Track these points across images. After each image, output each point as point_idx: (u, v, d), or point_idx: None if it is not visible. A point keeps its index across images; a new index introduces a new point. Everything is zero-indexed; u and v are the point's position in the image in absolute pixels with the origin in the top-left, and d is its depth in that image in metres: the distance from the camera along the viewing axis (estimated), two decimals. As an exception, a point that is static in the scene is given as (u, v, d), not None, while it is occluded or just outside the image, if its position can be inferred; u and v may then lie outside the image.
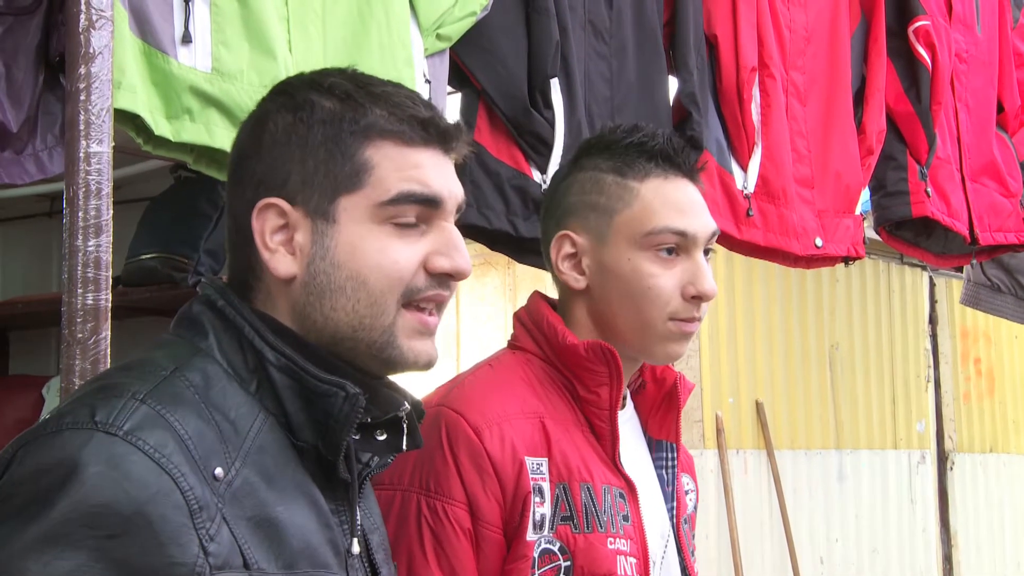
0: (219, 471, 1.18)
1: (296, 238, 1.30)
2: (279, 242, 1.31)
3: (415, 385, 1.45)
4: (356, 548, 1.34)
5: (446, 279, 1.34)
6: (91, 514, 1.09)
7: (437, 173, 1.34)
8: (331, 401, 1.27)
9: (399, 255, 1.30)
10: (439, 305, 1.35)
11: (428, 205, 1.32)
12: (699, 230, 1.85)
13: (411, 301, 1.32)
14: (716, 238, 1.90)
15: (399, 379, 1.40)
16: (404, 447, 1.36)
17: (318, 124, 1.31)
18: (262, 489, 1.22)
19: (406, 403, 1.36)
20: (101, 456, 1.12)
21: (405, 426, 1.36)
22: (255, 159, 1.33)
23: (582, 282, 1.90)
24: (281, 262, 1.30)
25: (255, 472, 1.22)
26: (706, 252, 1.87)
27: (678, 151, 1.88)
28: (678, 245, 1.84)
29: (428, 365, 1.35)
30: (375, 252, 1.29)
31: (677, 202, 1.85)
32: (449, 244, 1.33)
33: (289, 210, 1.30)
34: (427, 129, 1.34)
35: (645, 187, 1.85)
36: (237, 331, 1.29)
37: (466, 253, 1.35)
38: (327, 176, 1.30)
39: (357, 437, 1.32)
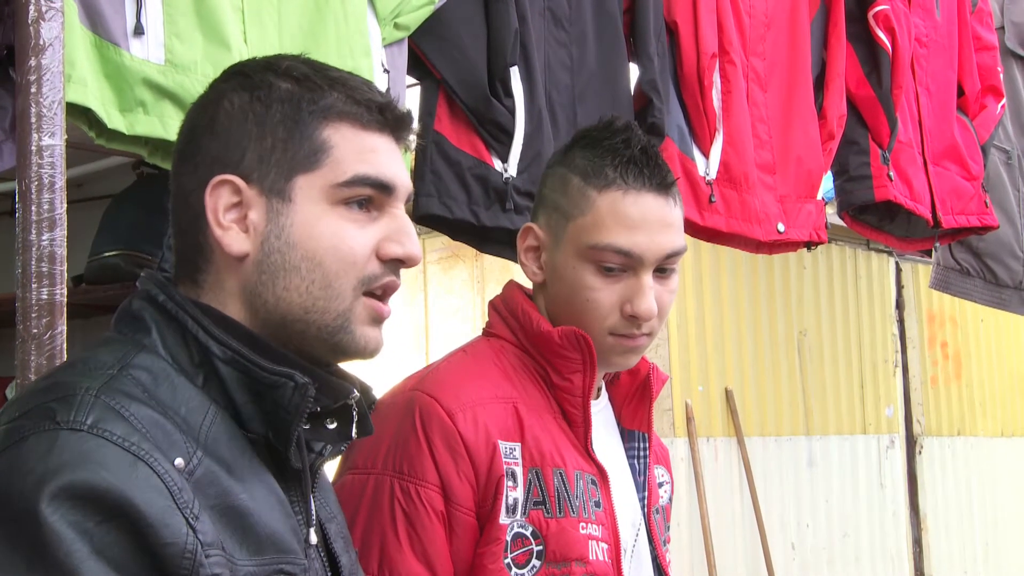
0: (179, 462, 1.17)
1: (250, 216, 1.29)
2: (232, 220, 1.29)
3: (383, 379, 1.44)
4: (313, 538, 1.33)
5: (397, 265, 1.33)
6: (76, 508, 1.08)
7: (390, 159, 1.34)
8: (280, 392, 1.26)
9: (354, 240, 1.30)
10: (389, 292, 1.35)
11: (381, 190, 1.32)
12: (647, 250, 1.80)
13: (368, 290, 1.31)
14: (678, 256, 1.84)
15: (353, 368, 1.39)
16: (355, 435, 1.36)
17: (276, 103, 1.30)
18: (224, 477, 1.21)
19: (355, 390, 1.35)
20: (73, 452, 1.11)
21: (355, 413, 1.35)
22: (209, 136, 1.32)
23: (539, 276, 1.90)
24: (235, 240, 1.29)
25: (214, 462, 1.21)
26: (663, 271, 1.83)
27: (649, 164, 1.83)
28: (622, 264, 1.80)
29: (375, 352, 1.34)
30: (330, 234, 1.29)
31: (629, 219, 1.80)
32: (401, 231, 1.33)
33: (244, 187, 1.29)
34: (383, 114, 1.33)
35: (602, 198, 1.81)
36: (180, 325, 1.28)
37: (417, 240, 1.34)
38: (284, 154, 1.29)
39: (307, 427, 1.31)
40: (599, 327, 1.82)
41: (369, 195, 1.31)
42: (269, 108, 1.30)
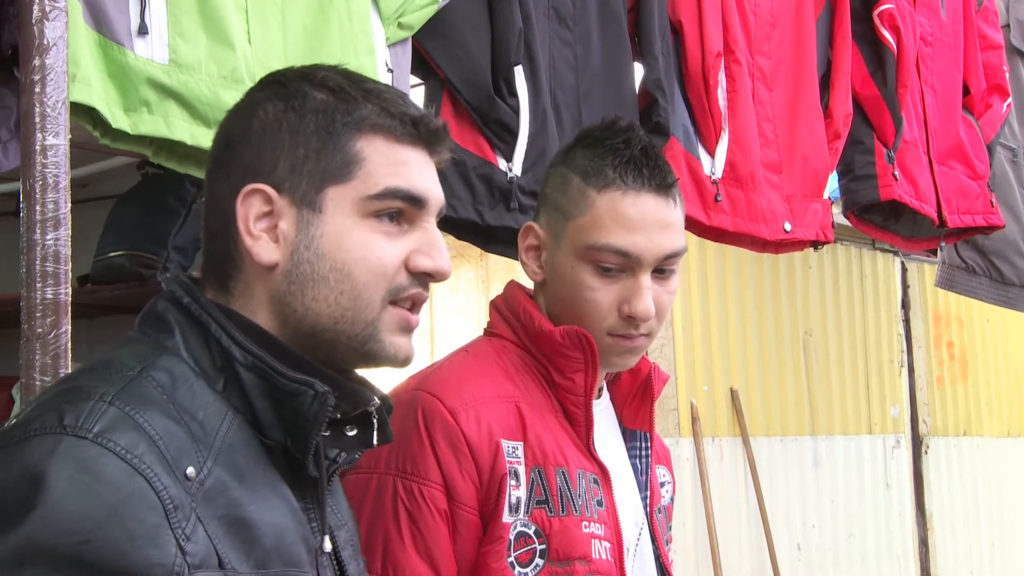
0: (191, 471, 1.16)
1: (280, 226, 1.29)
2: (263, 229, 1.29)
3: (388, 378, 1.44)
4: (328, 546, 1.33)
5: (426, 279, 1.34)
6: (64, 520, 1.07)
7: (423, 173, 1.34)
8: (300, 400, 1.26)
9: (384, 252, 1.30)
10: (417, 304, 1.35)
11: (413, 203, 1.32)
12: (645, 251, 1.80)
13: (395, 300, 1.32)
14: (678, 257, 1.84)
15: (369, 373, 1.39)
16: (375, 442, 1.35)
17: (311, 113, 1.31)
18: (234, 488, 1.20)
19: (375, 397, 1.35)
20: (72, 460, 1.10)
21: (375, 420, 1.35)
22: (242, 144, 1.32)
23: (540, 276, 1.90)
24: (264, 249, 1.29)
25: (226, 471, 1.21)
26: (662, 272, 1.83)
27: (648, 164, 1.83)
28: (620, 264, 1.80)
29: (407, 361, 1.35)
30: (360, 246, 1.29)
31: (628, 219, 1.80)
32: (431, 244, 1.33)
33: (275, 197, 1.29)
34: (417, 127, 1.34)
35: (601, 198, 1.82)
36: (203, 329, 1.28)
37: (447, 254, 1.34)
38: (317, 165, 1.30)
39: (327, 433, 1.31)
40: (598, 327, 1.82)
41: (400, 208, 1.31)
42: (303, 118, 1.31)
